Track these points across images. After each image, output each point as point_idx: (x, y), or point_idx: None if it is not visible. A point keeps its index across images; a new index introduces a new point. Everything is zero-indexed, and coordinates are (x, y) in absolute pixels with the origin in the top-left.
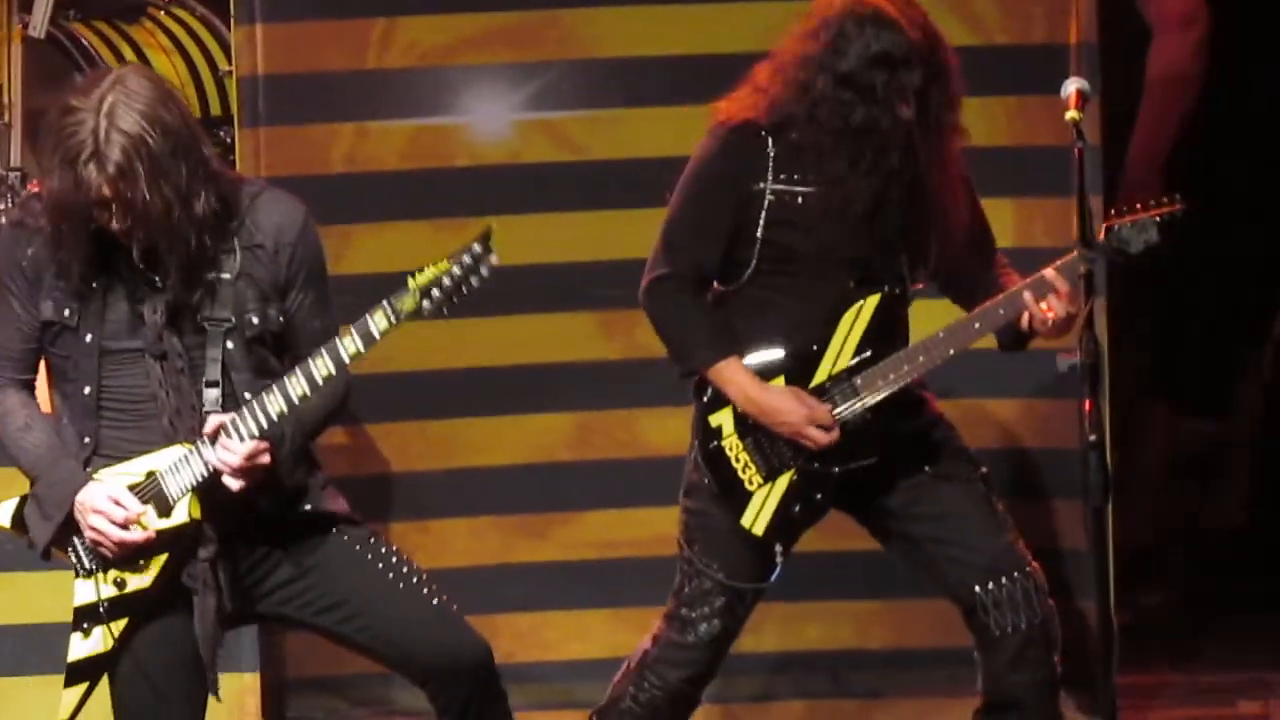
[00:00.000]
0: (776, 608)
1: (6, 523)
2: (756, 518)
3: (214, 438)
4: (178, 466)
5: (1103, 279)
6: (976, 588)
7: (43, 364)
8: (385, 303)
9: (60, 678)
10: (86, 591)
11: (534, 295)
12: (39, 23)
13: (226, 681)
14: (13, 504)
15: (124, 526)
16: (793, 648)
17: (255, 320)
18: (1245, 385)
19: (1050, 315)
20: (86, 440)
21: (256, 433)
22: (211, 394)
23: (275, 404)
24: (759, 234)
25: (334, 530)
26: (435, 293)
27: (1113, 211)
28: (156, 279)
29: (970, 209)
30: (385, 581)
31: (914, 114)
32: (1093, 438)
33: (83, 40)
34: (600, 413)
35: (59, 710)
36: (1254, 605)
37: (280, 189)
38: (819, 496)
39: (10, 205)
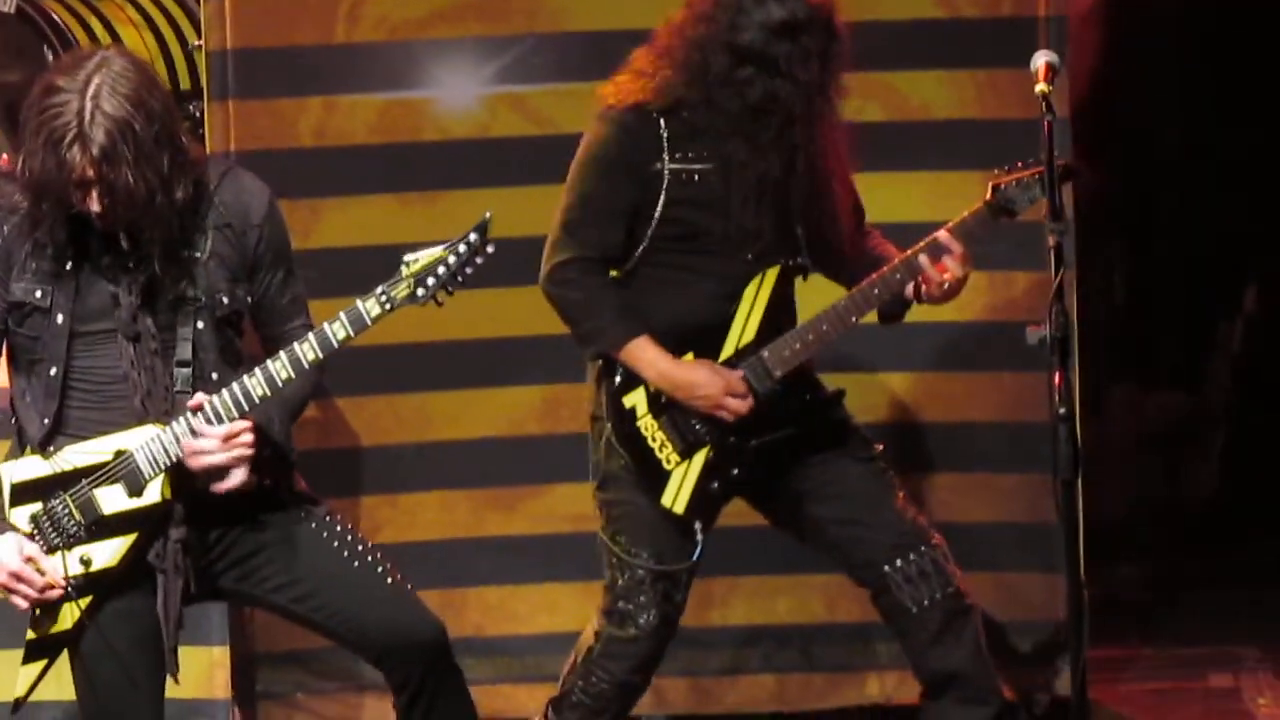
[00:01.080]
0: (746, 582)
1: None
2: (676, 496)
3: (194, 412)
4: (149, 446)
5: (1072, 252)
6: (885, 566)
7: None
8: (379, 289)
9: (18, 653)
10: (50, 567)
11: (503, 269)
12: None
13: (195, 655)
14: None
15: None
16: (762, 621)
17: (225, 300)
18: (1215, 358)
19: (946, 277)
20: (45, 421)
21: (237, 415)
22: (183, 373)
23: (258, 387)
24: (657, 213)
25: (292, 508)
26: (430, 280)
27: (996, 171)
28: (130, 261)
29: (847, 178)
30: (340, 560)
31: (816, 79)
32: (1062, 411)
33: (53, 15)
34: (569, 385)
35: (16, 686)
36: (1224, 579)
37: (245, 169)
38: (736, 472)
39: None
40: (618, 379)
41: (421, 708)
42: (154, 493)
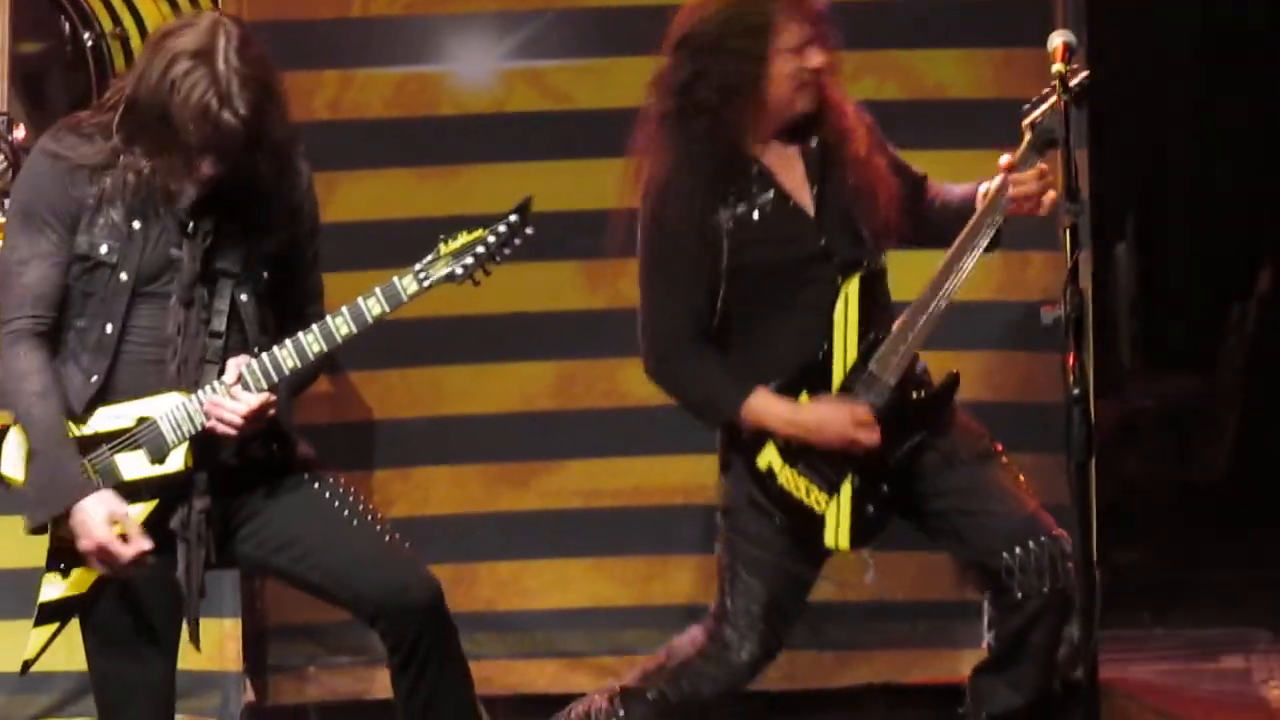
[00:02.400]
0: None
1: None
2: (838, 534)
3: (240, 383)
4: (174, 414)
5: (1087, 233)
6: (1004, 553)
7: None
8: (416, 266)
9: (27, 622)
10: (64, 531)
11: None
12: None
13: (207, 627)
14: None
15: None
16: None
17: (267, 274)
18: (1229, 340)
19: (1029, 191)
20: (94, 379)
21: (266, 386)
22: (215, 344)
23: (289, 359)
24: (724, 263)
25: (296, 472)
26: (468, 259)
27: (1025, 107)
28: (191, 224)
29: (885, 155)
30: (338, 519)
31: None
32: (1076, 391)
33: None
34: (582, 362)
35: (25, 650)
36: (1237, 561)
37: None
38: (885, 489)
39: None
40: (742, 446)
41: (414, 669)
42: (176, 460)
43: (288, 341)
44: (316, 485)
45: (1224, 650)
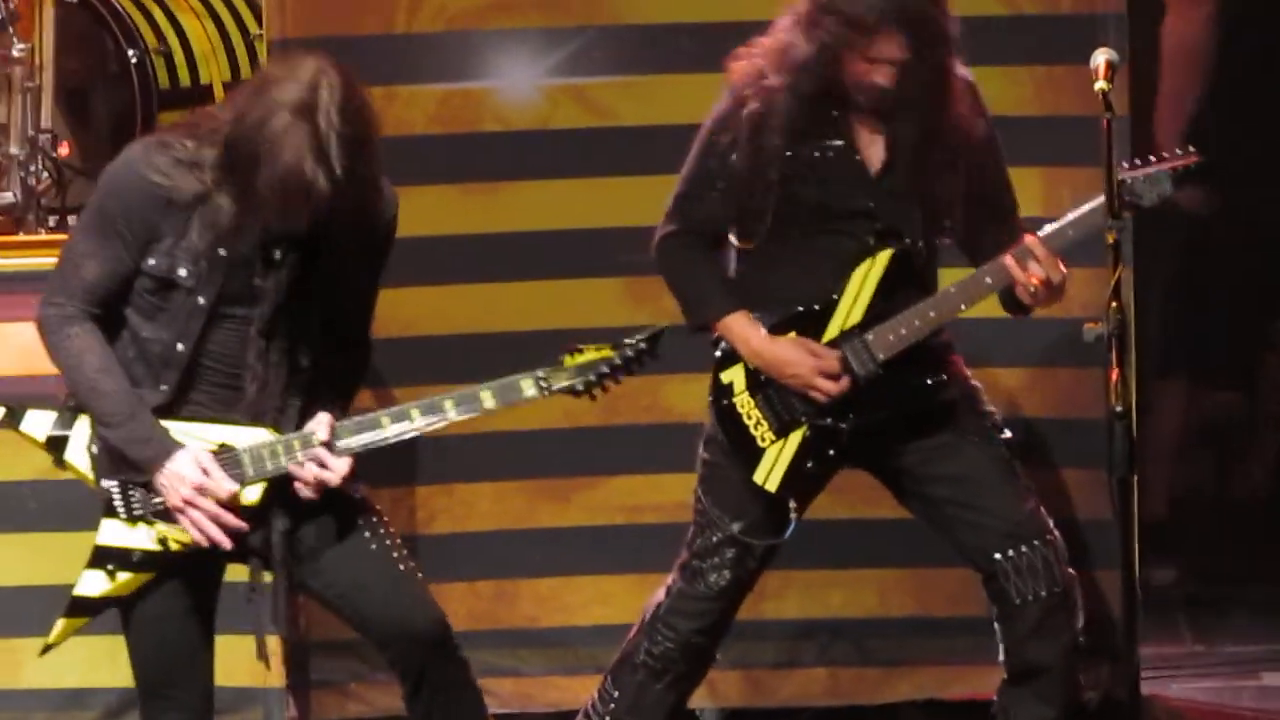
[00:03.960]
0: (799, 575)
1: (40, 437)
2: (769, 474)
3: (328, 444)
4: (257, 451)
5: (1130, 248)
6: (996, 554)
7: None
8: (537, 372)
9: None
10: (120, 535)
11: (562, 260)
12: None
13: (248, 642)
14: (50, 418)
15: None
16: (816, 615)
17: (342, 302)
18: (1269, 356)
19: (1034, 281)
20: (164, 388)
21: (353, 450)
22: (300, 380)
23: (395, 428)
24: (775, 192)
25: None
26: (590, 376)
27: (1125, 164)
28: (276, 253)
29: (992, 172)
30: (358, 540)
31: (933, 70)
32: (1118, 408)
33: (114, 2)
34: (626, 377)
35: (50, 633)
36: (1278, 576)
37: None
38: (831, 452)
39: (41, 166)
40: (719, 353)
41: (424, 698)
42: (252, 495)
43: (394, 412)
44: (349, 510)
45: (1265, 667)
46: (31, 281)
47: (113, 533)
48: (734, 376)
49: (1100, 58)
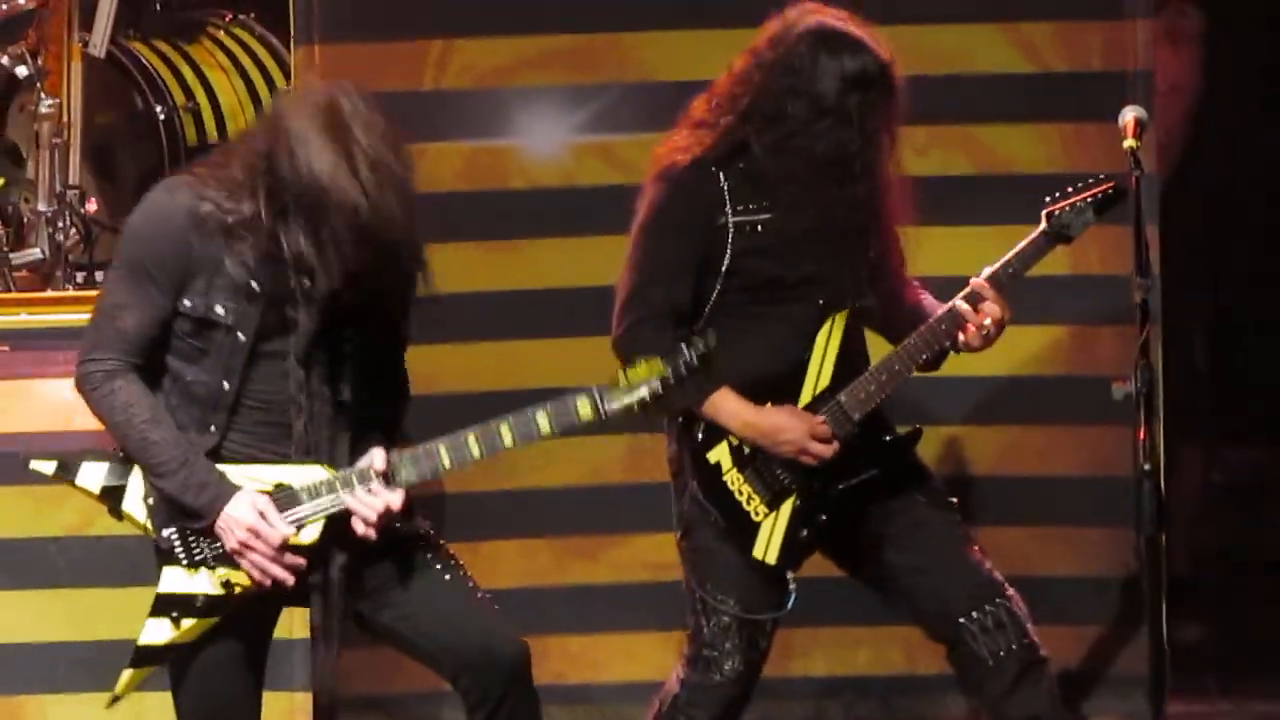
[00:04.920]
0: (826, 632)
1: (95, 489)
2: (768, 547)
3: (385, 477)
4: (317, 489)
5: (1158, 307)
6: (961, 618)
7: None
8: (594, 390)
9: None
10: (182, 582)
11: (588, 318)
12: (99, 41)
13: (276, 700)
14: (103, 469)
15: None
16: (843, 672)
17: (384, 338)
18: None
19: (988, 321)
20: (213, 429)
21: (411, 482)
22: (345, 414)
23: (450, 458)
24: (724, 266)
25: (409, 536)
26: (643, 393)
27: (1048, 199)
28: (308, 282)
29: (896, 240)
30: (431, 572)
31: (881, 130)
32: (1146, 466)
33: (142, 59)
34: (652, 435)
35: (117, 685)
36: None
37: None
38: (823, 518)
39: (69, 222)
40: (699, 435)
41: None
42: (311, 534)
43: (443, 443)
44: (419, 544)
45: None
46: (58, 338)
47: (174, 580)
48: (720, 455)
49: (1129, 115)
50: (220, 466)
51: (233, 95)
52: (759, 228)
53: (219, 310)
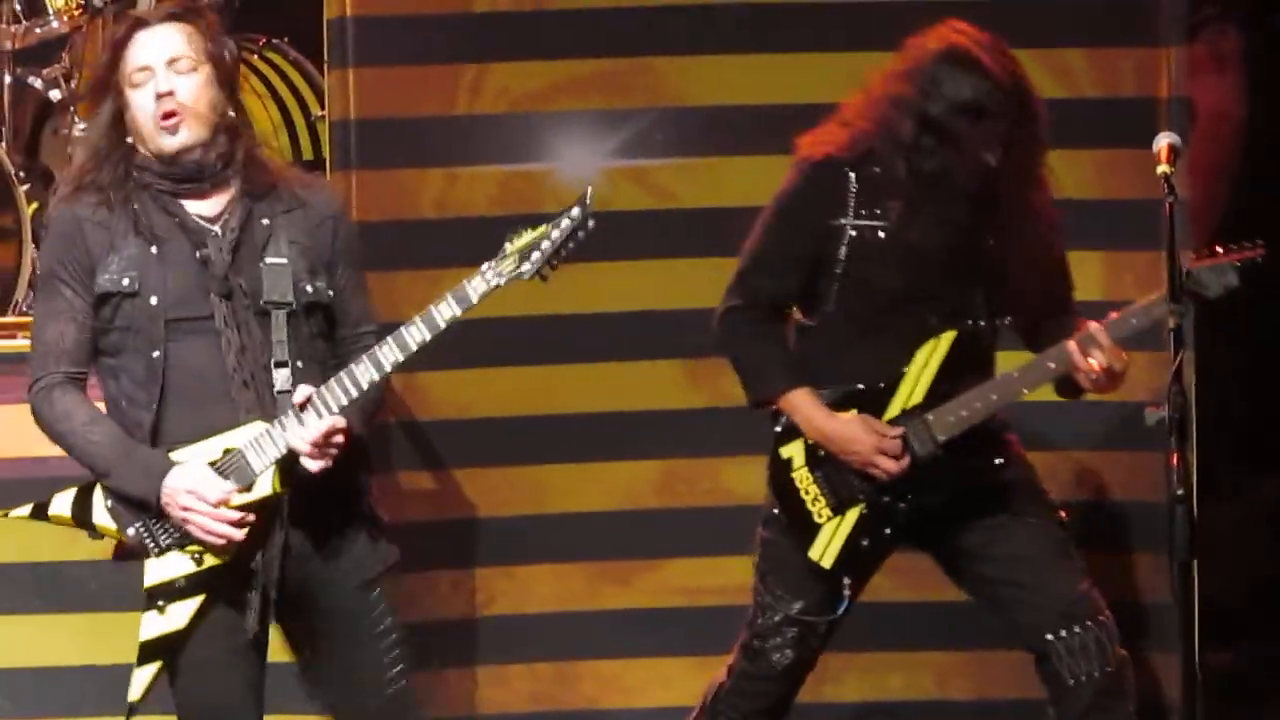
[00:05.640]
0: (859, 657)
1: (66, 512)
2: (825, 550)
3: (302, 408)
4: (259, 442)
5: (1191, 332)
6: (1049, 634)
7: None
8: (484, 266)
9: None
10: (160, 570)
11: (621, 342)
12: None
13: None
14: (70, 495)
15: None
16: (875, 697)
17: (308, 290)
18: None
19: (1096, 369)
20: (153, 405)
21: (341, 404)
22: (282, 374)
23: (366, 374)
24: (839, 269)
25: (367, 541)
26: (534, 254)
27: (1190, 255)
28: (216, 229)
29: (1055, 257)
30: (357, 640)
31: (999, 161)
32: (1179, 491)
33: None
34: (685, 460)
35: (130, 691)
36: None
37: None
38: (887, 531)
39: None
40: (778, 428)
41: None
42: (265, 485)
43: (364, 356)
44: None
45: None
46: None
47: (153, 571)
48: (793, 452)
49: (1163, 141)
50: (173, 454)
51: (267, 119)
52: (879, 234)
53: (124, 281)
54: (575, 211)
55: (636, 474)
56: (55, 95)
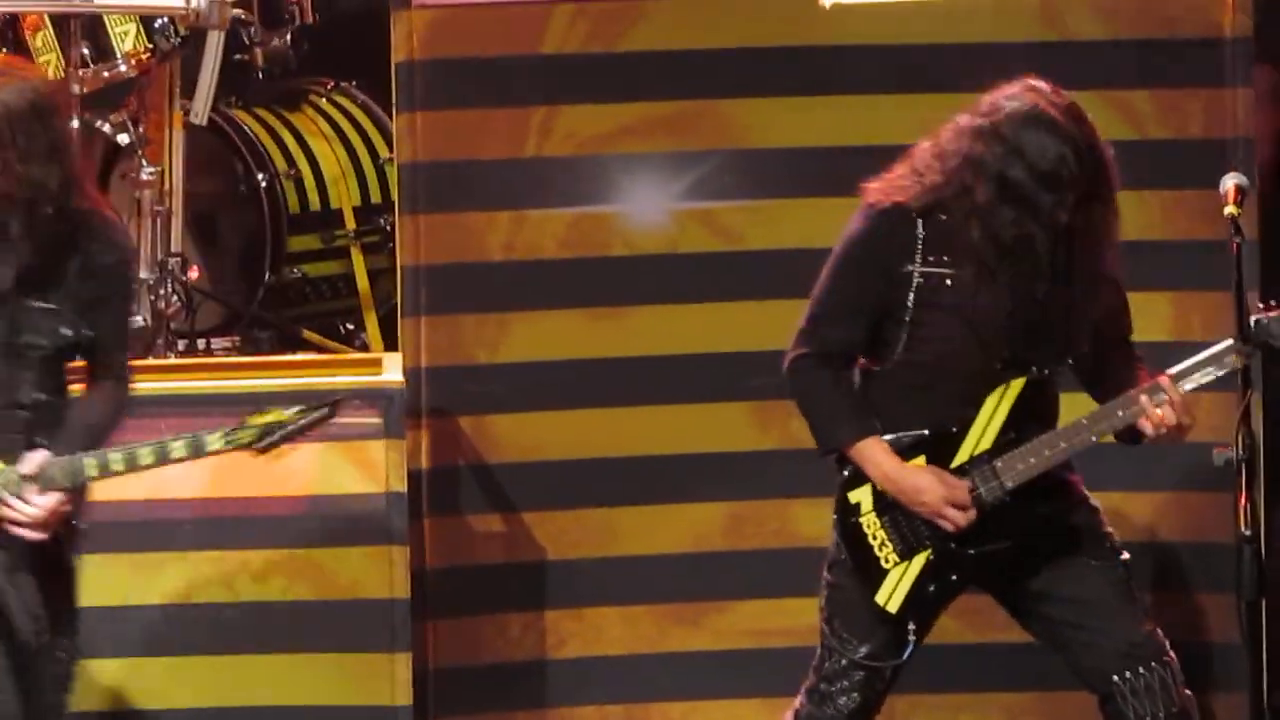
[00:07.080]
0: (927, 698)
1: None
2: (891, 595)
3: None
4: None
5: (1260, 373)
6: (1114, 676)
7: None
8: (224, 429)
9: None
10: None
11: (690, 385)
12: (200, 109)
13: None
14: None
15: None
16: None
17: (69, 334)
18: None
19: (1165, 423)
20: None
21: (67, 486)
22: (22, 415)
23: (92, 469)
24: (908, 315)
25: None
26: (270, 438)
27: (1260, 305)
28: None
29: (1117, 298)
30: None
31: (1070, 219)
32: (1247, 532)
33: (244, 127)
34: (754, 502)
35: None
36: None
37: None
38: (954, 577)
39: (170, 290)
40: (846, 473)
41: None
42: None
43: (95, 454)
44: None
45: None
46: (160, 405)
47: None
48: (861, 497)
49: (1230, 182)
50: None
51: (335, 163)
52: (947, 281)
53: None
54: (324, 411)
55: (705, 516)
56: (123, 139)
